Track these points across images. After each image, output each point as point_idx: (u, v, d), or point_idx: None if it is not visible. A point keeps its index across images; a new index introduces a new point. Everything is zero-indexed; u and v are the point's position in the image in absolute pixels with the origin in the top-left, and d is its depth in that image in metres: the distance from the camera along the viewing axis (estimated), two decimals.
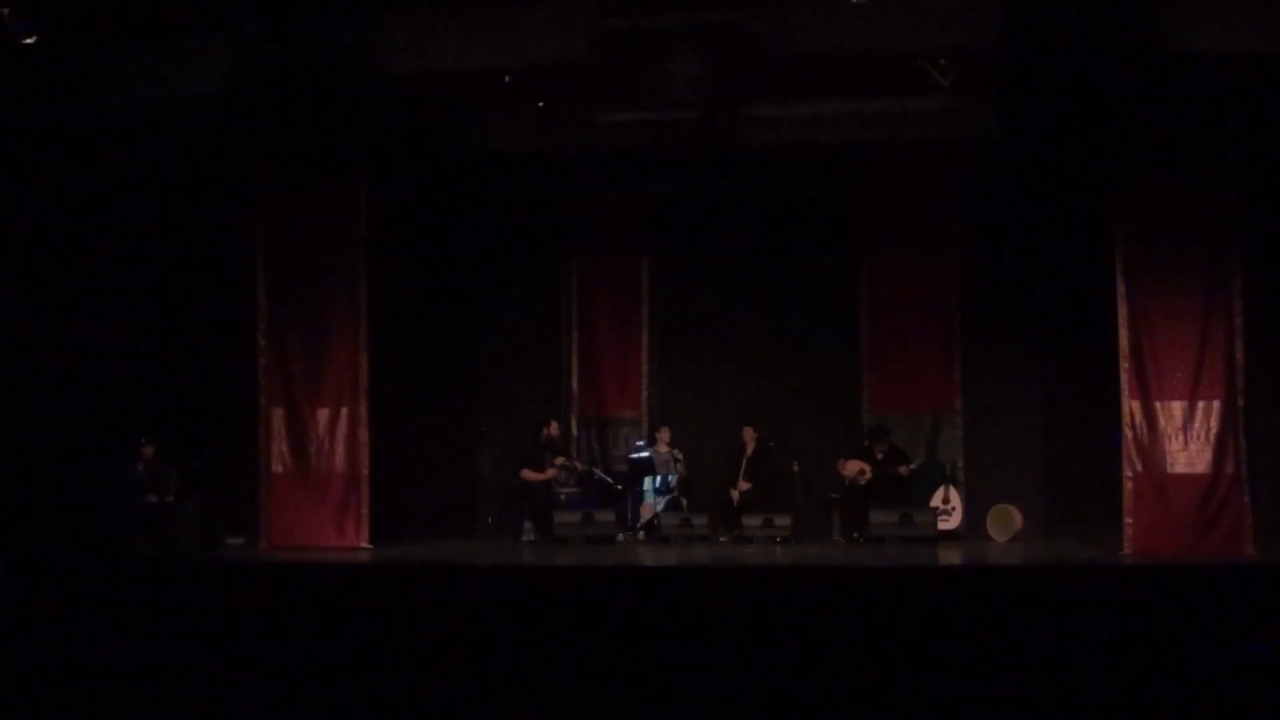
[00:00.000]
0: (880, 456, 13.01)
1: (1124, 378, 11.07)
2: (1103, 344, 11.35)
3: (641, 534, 13.28)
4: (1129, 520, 10.93)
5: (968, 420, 13.80)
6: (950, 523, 13.04)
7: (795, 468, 13.12)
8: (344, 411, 11.94)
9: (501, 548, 12.63)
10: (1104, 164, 11.29)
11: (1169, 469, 10.94)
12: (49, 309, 12.67)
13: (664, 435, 13.72)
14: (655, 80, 11.08)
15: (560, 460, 13.38)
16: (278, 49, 11.36)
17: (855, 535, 12.78)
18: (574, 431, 14.39)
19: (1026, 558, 11.86)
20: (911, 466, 13.01)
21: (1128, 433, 11.03)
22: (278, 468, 12.04)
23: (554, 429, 13.54)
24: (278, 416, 12.07)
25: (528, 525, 13.10)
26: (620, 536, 13.05)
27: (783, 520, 12.67)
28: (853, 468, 13.02)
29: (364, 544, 11.78)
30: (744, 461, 13.31)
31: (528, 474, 13.14)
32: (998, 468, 13.58)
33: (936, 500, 13.11)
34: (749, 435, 13.36)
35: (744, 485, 13.21)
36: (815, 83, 11.64)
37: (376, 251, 12.11)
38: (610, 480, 13.69)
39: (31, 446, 12.14)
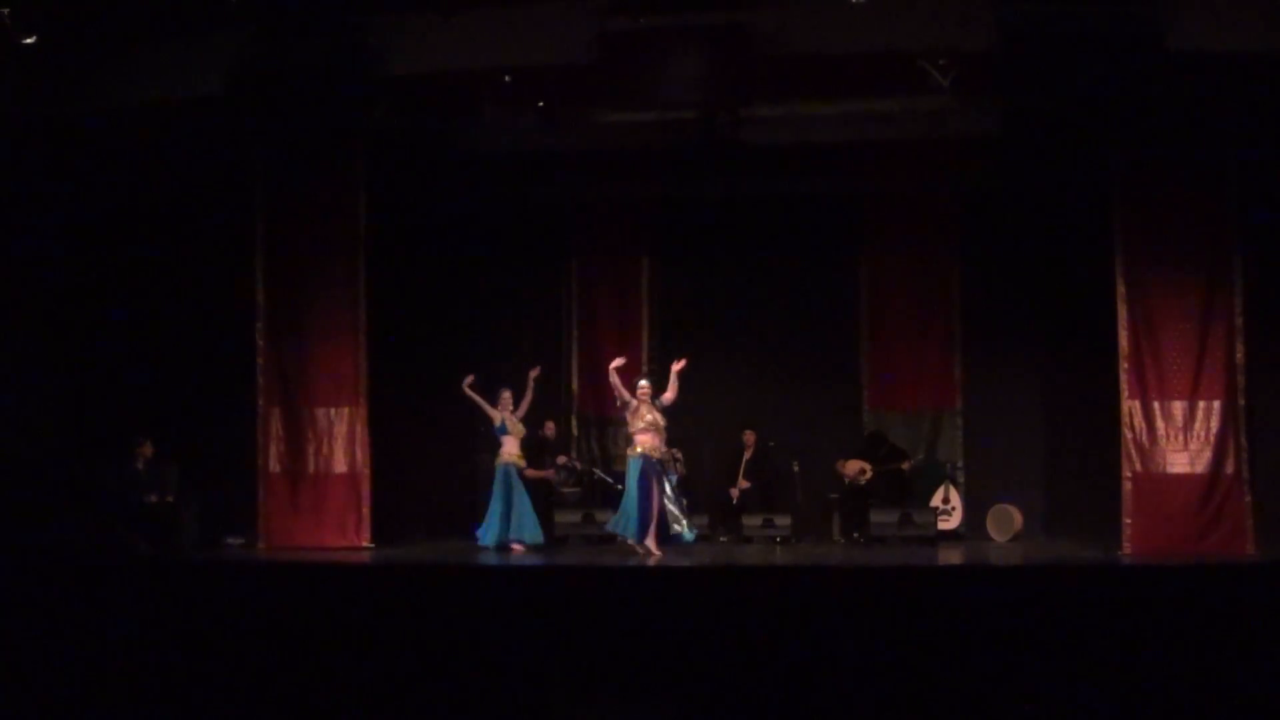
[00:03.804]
0: (880, 456, 13.04)
1: (1124, 378, 11.07)
2: (1103, 344, 11.35)
3: None
4: (1129, 520, 10.94)
5: (968, 420, 13.79)
6: (950, 523, 13.04)
7: (795, 468, 13.14)
8: (343, 411, 11.95)
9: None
10: (1104, 164, 11.29)
11: (1169, 469, 10.95)
12: (49, 308, 12.67)
13: None
14: (655, 80, 11.07)
15: (560, 460, 13.37)
16: (277, 49, 11.35)
17: (855, 535, 12.80)
18: (574, 431, 14.37)
19: (1026, 558, 11.85)
20: (912, 462, 13.03)
21: (1127, 433, 11.03)
22: (275, 468, 12.05)
23: (549, 429, 13.53)
24: (276, 416, 12.08)
25: None
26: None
27: (783, 520, 12.68)
28: (853, 467, 13.03)
29: (364, 544, 11.79)
30: (744, 461, 13.31)
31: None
32: (998, 468, 13.56)
33: (936, 500, 13.10)
34: (749, 437, 13.36)
35: (744, 484, 13.21)
36: (815, 83, 11.65)
37: (376, 251, 12.11)
38: (610, 480, 13.67)
39: (31, 446, 12.13)
